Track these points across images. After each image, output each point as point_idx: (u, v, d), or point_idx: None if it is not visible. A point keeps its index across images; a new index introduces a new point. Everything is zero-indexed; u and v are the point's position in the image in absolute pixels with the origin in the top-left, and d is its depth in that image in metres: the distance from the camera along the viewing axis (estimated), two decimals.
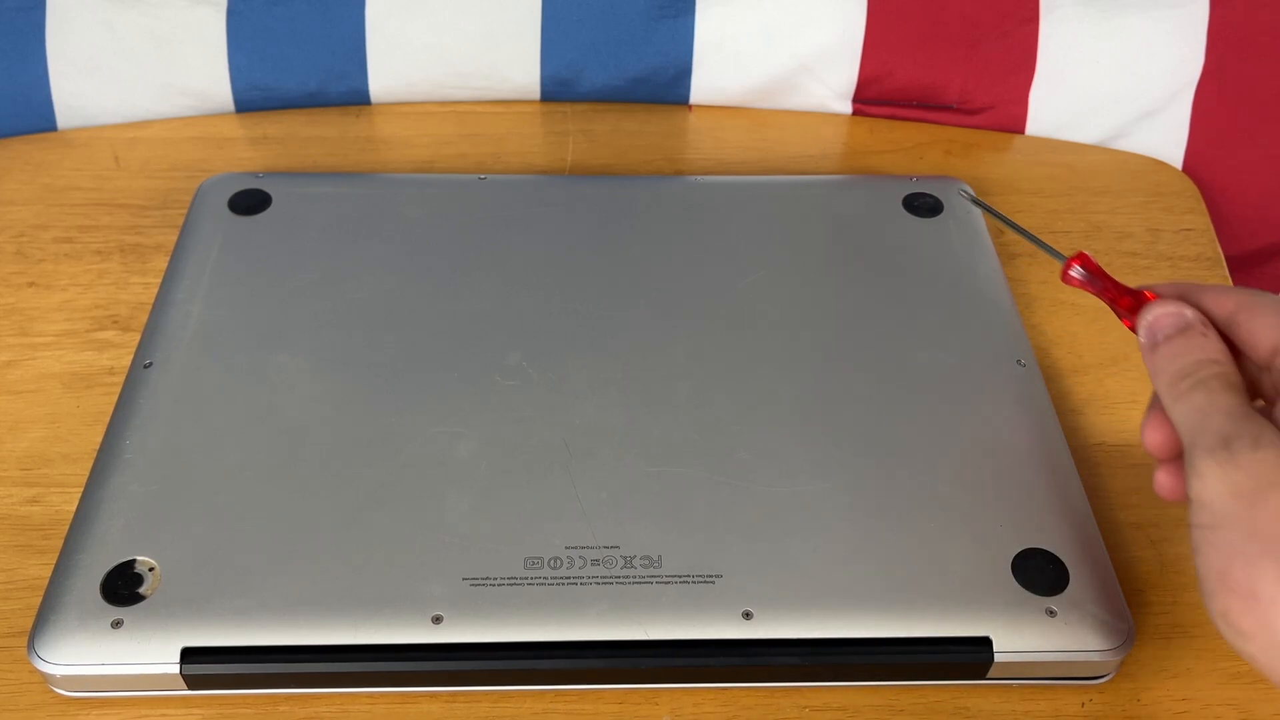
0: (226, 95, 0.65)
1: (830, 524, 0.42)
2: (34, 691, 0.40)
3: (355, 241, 0.53)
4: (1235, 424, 0.35)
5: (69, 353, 0.52)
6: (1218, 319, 0.38)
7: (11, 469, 0.47)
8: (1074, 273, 0.43)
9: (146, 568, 0.40)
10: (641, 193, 0.57)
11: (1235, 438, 0.34)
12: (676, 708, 0.40)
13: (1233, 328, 0.38)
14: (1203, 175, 0.64)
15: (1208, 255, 0.58)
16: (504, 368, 0.47)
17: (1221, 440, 0.34)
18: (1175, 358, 0.38)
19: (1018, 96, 0.65)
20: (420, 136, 0.65)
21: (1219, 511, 0.34)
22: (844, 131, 0.66)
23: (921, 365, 0.48)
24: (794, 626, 0.39)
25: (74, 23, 0.62)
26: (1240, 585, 0.33)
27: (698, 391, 0.47)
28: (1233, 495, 0.33)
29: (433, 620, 0.39)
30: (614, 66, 0.66)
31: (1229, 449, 0.34)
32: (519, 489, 0.43)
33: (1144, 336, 0.39)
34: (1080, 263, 0.43)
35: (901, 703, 0.40)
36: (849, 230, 0.55)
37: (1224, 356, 0.37)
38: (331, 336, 0.49)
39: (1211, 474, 0.34)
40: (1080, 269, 0.43)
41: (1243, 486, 0.33)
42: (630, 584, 0.40)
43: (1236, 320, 0.38)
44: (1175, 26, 0.62)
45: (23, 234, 0.58)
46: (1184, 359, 0.37)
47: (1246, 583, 0.32)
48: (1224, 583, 0.33)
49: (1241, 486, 0.33)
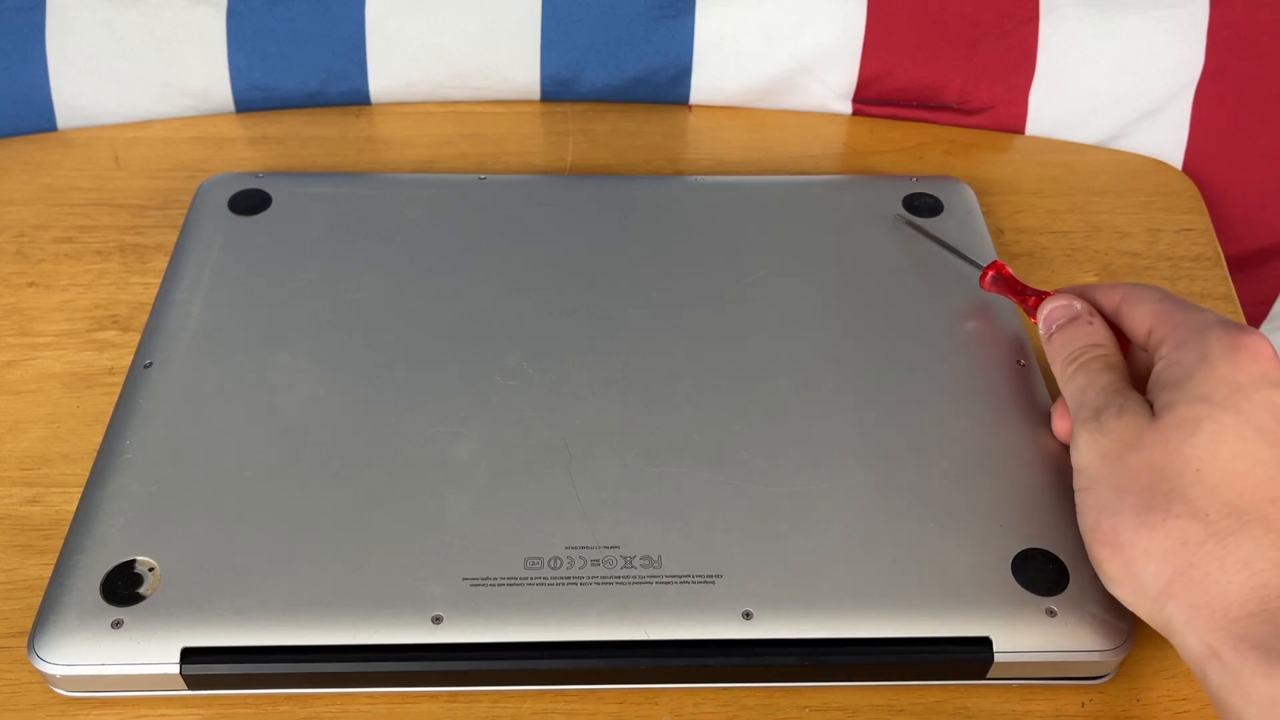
0: (226, 95, 0.65)
1: (830, 524, 0.42)
2: (34, 691, 0.40)
3: (355, 241, 0.53)
4: (1106, 398, 0.39)
5: (69, 353, 0.52)
6: (1106, 310, 0.43)
7: (11, 469, 0.47)
8: (990, 277, 0.49)
9: (146, 568, 0.40)
10: (641, 193, 0.57)
11: (1104, 408, 0.39)
12: (676, 708, 0.40)
13: (1119, 317, 0.43)
14: (1203, 175, 0.64)
15: (1208, 255, 0.58)
16: (504, 368, 0.47)
17: (1094, 413, 0.39)
18: (1065, 344, 0.43)
19: (1018, 96, 0.65)
20: (420, 136, 0.65)
21: (1090, 474, 0.38)
22: (844, 131, 0.66)
23: (921, 365, 0.48)
24: (794, 626, 0.39)
25: (74, 23, 0.62)
26: (1106, 535, 0.37)
27: (698, 391, 0.47)
28: (1100, 458, 0.38)
29: (433, 620, 0.39)
30: (614, 66, 0.66)
31: (1099, 419, 0.39)
32: (519, 489, 0.43)
33: (1041, 327, 0.45)
34: (995, 270, 0.49)
35: (901, 703, 0.40)
36: (849, 230, 0.55)
37: (1106, 341, 0.42)
38: (331, 336, 0.49)
39: (1084, 443, 0.39)
40: (996, 275, 0.49)
41: (1108, 450, 0.38)
42: (630, 584, 0.40)
43: (1121, 310, 0.43)
44: (1175, 26, 0.62)
45: (23, 234, 0.58)
46: (1072, 345, 0.42)
47: (1111, 532, 0.37)
48: (1095, 535, 0.38)
49: (1107, 450, 0.38)
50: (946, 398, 0.47)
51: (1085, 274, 0.57)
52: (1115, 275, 0.57)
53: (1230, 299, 0.56)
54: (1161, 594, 0.35)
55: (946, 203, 0.56)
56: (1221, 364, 0.37)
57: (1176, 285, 0.57)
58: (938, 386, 0.47)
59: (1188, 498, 0.35)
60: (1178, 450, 0.36)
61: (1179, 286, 0.57)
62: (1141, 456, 0.36)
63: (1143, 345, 0.41)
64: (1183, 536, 0.35)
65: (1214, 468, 0.35)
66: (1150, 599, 0.35)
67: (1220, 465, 0.35)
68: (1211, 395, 0.36)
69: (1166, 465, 0.36)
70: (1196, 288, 0.57)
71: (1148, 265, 0.58)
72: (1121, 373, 0.41)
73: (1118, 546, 0.36)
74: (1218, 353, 0.37)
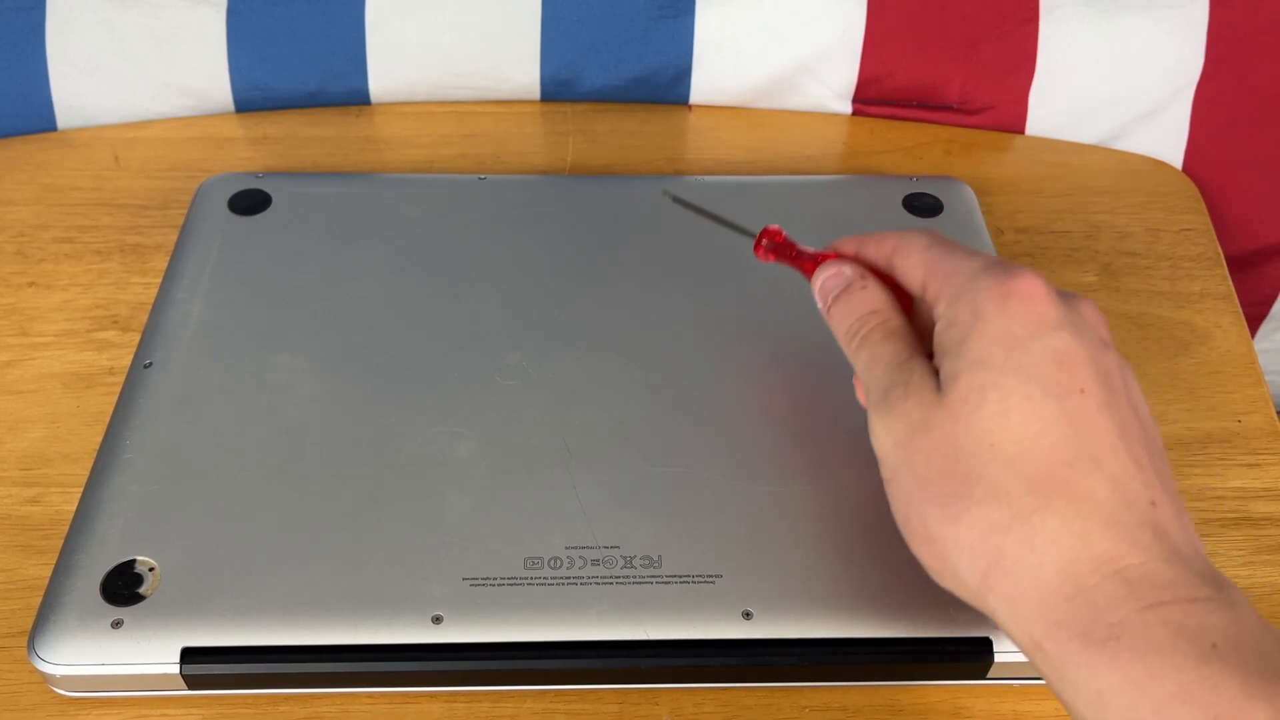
0: (226, 95, 0.65)
1: (830, 524, 0.42)
2: (34, 691, 0.40)
3: (355, 241, 0.53)
4: (891, 374, 0.36)
5: (69, 353, 0.52)
6: (880, 265, 0.40)
7: (11, 469, 0.47)
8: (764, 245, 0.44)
9: (146, 568, 0.40)
10: (642, 193, 0.57)
11: (891, 388, 0.36)
12: (676, 708, 0.40)
13: (892, 270, 0.39)
14: (1203, 175, 0.64)
15: (1208, 255, 0.58)
16: (504, 368, 0.47)
17: (882, 394, 0.36)
18: (844, 317, 0.40)
19: (1018, 96, 0.65)
20: (420, 136, 0.65)
21: (890, 464, 0.36)
22: (844, 131, 0.66)
23: None
24: (794, 626, 0.39)
25: (74, 23, 0.62)
26: (918, 530, 0.35)
27: (698, 391, 0.47)
28: (895, 446, 0.35)
29: (433, 620, 0.39)
30: (614, 66, 0.66)
31: (887, 401, 0.36)
32: (519, 489, 0.43)
33: (819, 301, 0.41)
34: (769, 237, 0.43)
35: (901, 703, 0.40)
36: (849, 230, 0.55)
37: (883, 305, 0.39)
38: (331, 336, 0.49)
39: (878, 429, 0.36)
40: (769, 242, 0.43)
41: (900, 435, 0.35)
42: (630, 584, 0.40)
43: (893, 263, 0.39)
44: (1175, 26, 0.62)
45: (23, 234, 0.58)
46: (850, 317, 0.39)
47: (921, 528, 0.34)
48: (908, 529, 0.35)
49: (900, 436, 0.35)
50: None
51: (1085, 274, 0.57)
52: (1115, 275, 0.57)
53: (1230, 299, 0.56)
54: (980, 588, 0.33)
55: (946, 203, 0.56)
56: (995, 318, 0.34)
57: (1177, 285, 0.57)
58: None
59: (986, 478, 0.33)
60: (967, 427, 0.33)
61: (1179, 287, 0.57)
62: (933, 439, 0.34)
63: (919, 298, 0.38)
64: (988, 523, 0.32)
65: (1005, 438, 0.33)
66: (972, 593, 0.34)
67: (1011, 435, 0.33)
68: (990, 358, 0.34)
69: (959, 445, 0.33)
70: (1196, 288, 0.57)
71: (1148, 265, 0.58)
72: (903, 338, 0.38)
73: (930, 541, 0.34)
74: (989, 306, 0.34)
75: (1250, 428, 0.50)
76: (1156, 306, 0.56)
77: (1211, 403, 0.51)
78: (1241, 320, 0.55)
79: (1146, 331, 0.54)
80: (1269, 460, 0.49)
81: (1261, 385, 0.52)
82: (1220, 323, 0.55)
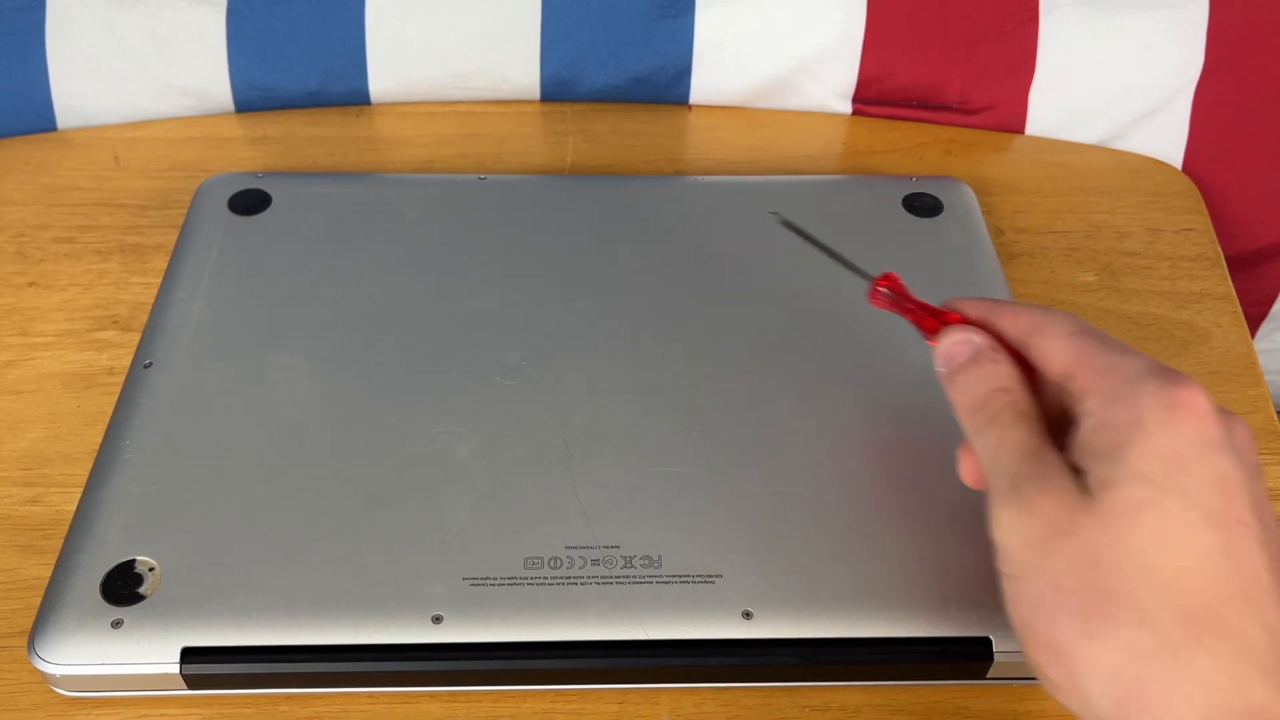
0: (226, 95, 0.65)
1: (830, 524, 0.42)
2: (34, 691, 0.40)
3: (355, 241, 0.53)
4: (1023, 463, 0.34)
5: (69, 353, 0.52)
6: (1013, 340, 0.37)
7: (11, 469, 0.47)
8: (881, 293, 0.41)
9: (146, 568, 0.40)
10: (641, 193, 0.57)
11: (1024, 479, 0.34)
12: (676, 708, 0.40)
13: (1027, 349, 0.37)
14: (1203, 175, 0.64)
15: (1208, 255, 0.58)
16: (504, 368, 0.47)
17: (1012, 483, 0.34)
18: (969, 389, 0.37)
19: (1017, 96, 0.65)
20: (420, 136, 0.65)
21: (1018, 561, 0.33)
22: (844, 131, 0.66)
23: (921, 365, 0.48)
24: (794, 626, 0.39)
25: (74, 23, 0.62)
26: (1045, 639, 0.32)
27: (698, 391, 0.47)
28: (1026, 545, 0.33)
29: (433, 620, 0.39)
30: (614, 66, 0.66)
31: (1019, 493, 0.33)
32: (519, 489, 0.43)
33: (940, 366, 0.39)
34: (886, 284, 0.41)
35: (901, 703, 0.40)
36: (849, 230, 0.55)
37: (1014, 384, 0.36)
38: (331, 336, 0.49)
39: (1006, 522, 0.34)
40: (887, 290, 0.41)
41: (1034, 535, 0.33)
42: (630, 584, 0.40)
43: (1030, 342, 0.37)
44: (1175, 26, 0.62)
45: (23, 234, 0.58)
46: (976, 390, 0.37)
47: (1050, 637, 0.32)
48: (1031, 636, 0.33)
49: (1034, 535, 0.33)
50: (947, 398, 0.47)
51: (1085, 274, 0.57)
52: (1115, 275, 0.57)
53: (1230, 299, 0.56)
54: (1113, 715, 0.31)
55: (946, 203, 0.56)
56: (1160, 431, 0.32)
57: (1177, 285, 0.57)
58: (938, 386, 0.47)
59: (1133, 600, 0.31)
60: (1119, 543, 0.31)
61: (1179, 286, 0.57)
62: (1076, 546, 0.32)
63: (1057, 384, 0.36)
64: (1133, 649, 0.31)
65: (1161, 562, 0.31)
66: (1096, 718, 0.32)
67: (1168, 560, 0.31)
68: (1152, 473, 0.32)
69: (1107, 560, 0.31)
70: (1196, 288, 0.57)
71: (1147, 265, 0.58)
72: (1036, 425, 0.35)
73: (1059, 654, 0.32)
74: (1153, 416, 0.32)
75: (1250, 428, 0.50)
76: (1156, 306, 0.56)
77: None
78: (1241, 320, 0.55)
79: (1146, 331, 0.54)
80: (1269, 460, 0.49)
81: (1261, 385, 0.52)
82: (1220, 323, 0.55)
